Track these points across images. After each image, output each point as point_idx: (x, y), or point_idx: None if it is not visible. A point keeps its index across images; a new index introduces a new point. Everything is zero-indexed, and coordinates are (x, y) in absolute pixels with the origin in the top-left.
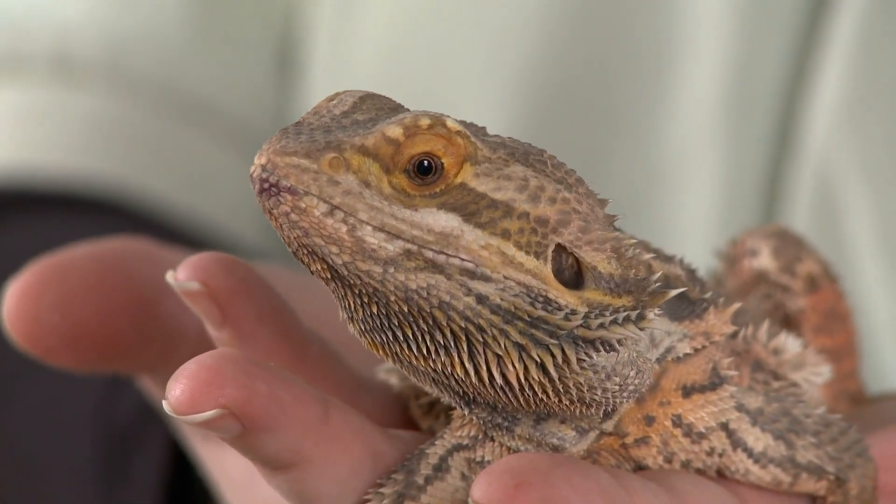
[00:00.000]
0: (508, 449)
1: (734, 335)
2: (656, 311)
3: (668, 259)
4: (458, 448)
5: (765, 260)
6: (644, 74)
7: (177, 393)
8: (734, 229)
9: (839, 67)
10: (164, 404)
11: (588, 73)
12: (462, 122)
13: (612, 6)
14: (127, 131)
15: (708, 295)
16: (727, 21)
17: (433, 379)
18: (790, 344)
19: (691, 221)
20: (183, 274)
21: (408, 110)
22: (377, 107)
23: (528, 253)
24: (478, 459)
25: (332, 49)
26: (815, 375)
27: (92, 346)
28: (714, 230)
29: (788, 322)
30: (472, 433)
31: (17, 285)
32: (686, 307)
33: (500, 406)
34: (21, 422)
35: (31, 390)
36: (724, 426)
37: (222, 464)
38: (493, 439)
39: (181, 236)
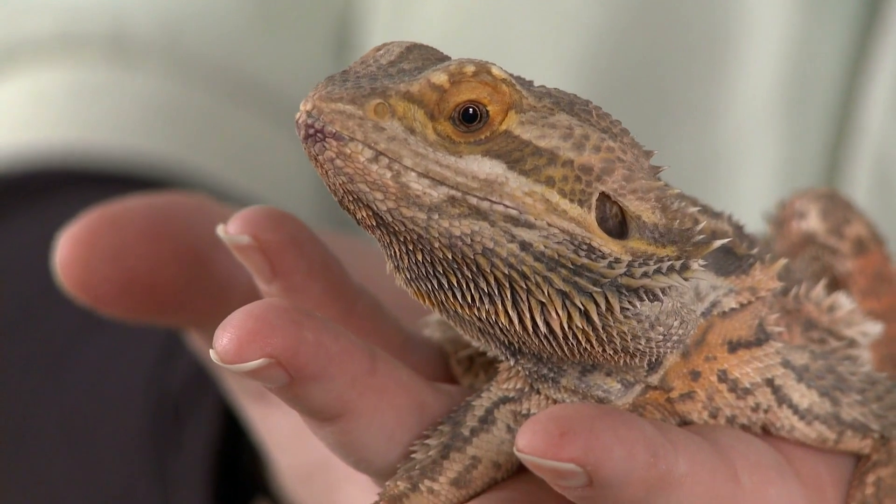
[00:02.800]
0: (554, 401)
1: (785, 293)
2: (700, 262)
3: (716, 215)
4: (504, 401)
5: (813, 222)
6: (704, 58)
7: (224, 342)
8: None
9: None
10: (211, 353)
11: (648, 57)
12: (507, 72)
13: None
14: (183, 111)
15: (755, 251)
16: (786, 7)
17: (479, 329)
18: (843, 301)
19: (749, 205)
20: (233, 227)
21: None
22: (424, 57)
23: (571, 201)
24: (523, 412)
25: (390, 31)
26: (864, 334)
27: (142, 295)
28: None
29: (836, 284)
30: (518, 386)
31: (70, 233)
32: (732, 262)
33: (546, 356)
34: (73, 389)
35: (84, 358)
36: (770, 382)
37: (270, 423)
38: (538, 392)
39: None
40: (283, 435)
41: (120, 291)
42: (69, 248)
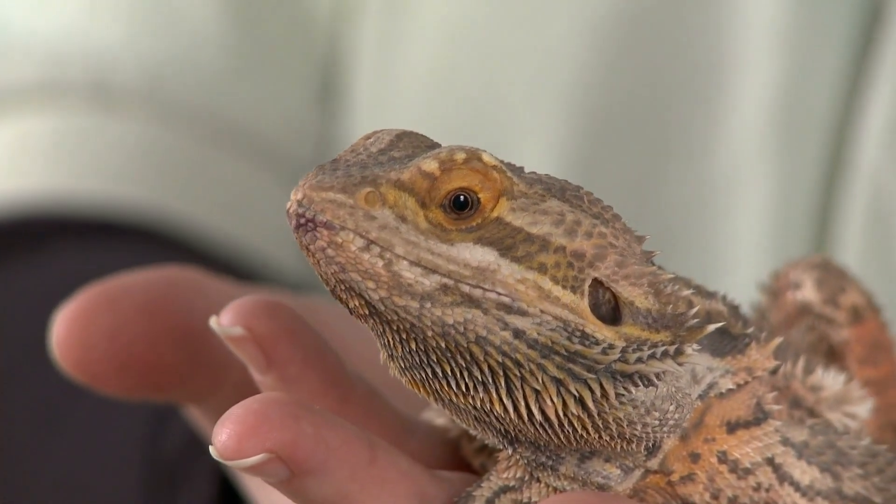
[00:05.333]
0: (555, 489)
1: (775, 371)
2: (695, 346)
3: (710, 295)
4: (505, 490)
5: (808, 292)
6: (694, 96)
7: (223, 438)
8: (786, 251)
9: (892, 87)
10: (211, 449)
11: (638, 96)
12: (498, 159)
13: (661, 28)
14: (166, 158)
15: (750, 330)
16: (778, 41)
17: (475, 417)
18: (829, 381)
19: (743, 243)
20: (226, 319)
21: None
22: (414, 144)
23: (564, 287)
24: (525, 501)
25: (376, 75)
26: (850, 417)
27: (140, 373)
28: (766, 252)
29: (833, 354)
30: (518, 474)
31: (66, 311)
32: (728, 343)
33: (543, 444)
34: (65, 453)
35: (75, 419)
36: (770, 461)
37: (269, 496)
38: (539, 480)
39: (220, 263)
40: None
41: (118, 370)
42: (66, 327)
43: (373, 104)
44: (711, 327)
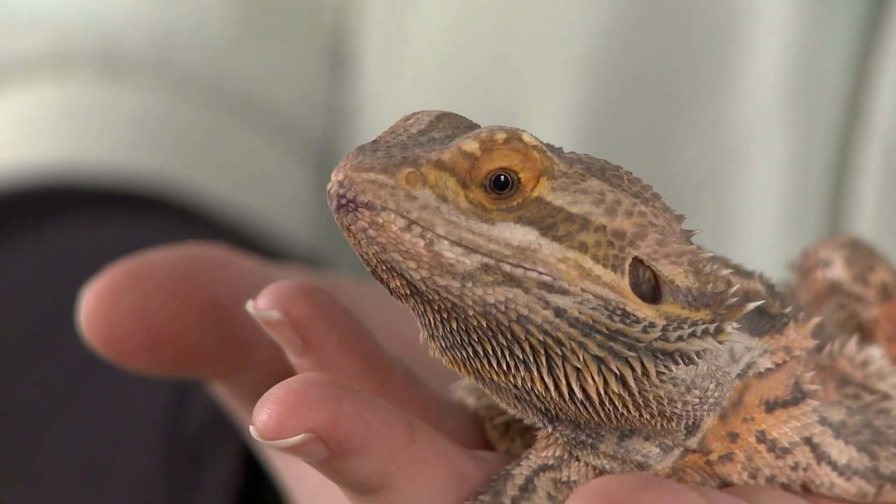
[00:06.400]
0: (594, 468)
1: (819, 350)
2: (734, 324)
3: (748, 275)
4: (544, 468)
5: (838, 270)
6: (708, 57)
7: (264, 418)
8: (802, 214)
9: None
10: (251, 430)
11: (654, 58)
12: (538, 139)
13: None
14: (175, 128)
15: (788, 310)
16: (792, 2)
17: (516, 396)
18: (875, 355)
19: (759, 204)
20: (263, 303)
21: None
22: (454, 125)
23: (605, 266)
24: (563, 479)
25: (386, 44)
26: (894, 387)
27: (169, 350)
28: (782, 215)
29: (862, 332)
30: (558, 453)
31: (94, 289)
32: (766, 322)
33: (583, 423)
34: (84, 423)
35: (95, 397)
36: (808, 440)
37: (298, 474)
38: (578, 459)
39: (231, 234)
40: (311, 485)
41: (146, 347)
42: (94, 305)
43: (383, 74)
44: (751, 306)
